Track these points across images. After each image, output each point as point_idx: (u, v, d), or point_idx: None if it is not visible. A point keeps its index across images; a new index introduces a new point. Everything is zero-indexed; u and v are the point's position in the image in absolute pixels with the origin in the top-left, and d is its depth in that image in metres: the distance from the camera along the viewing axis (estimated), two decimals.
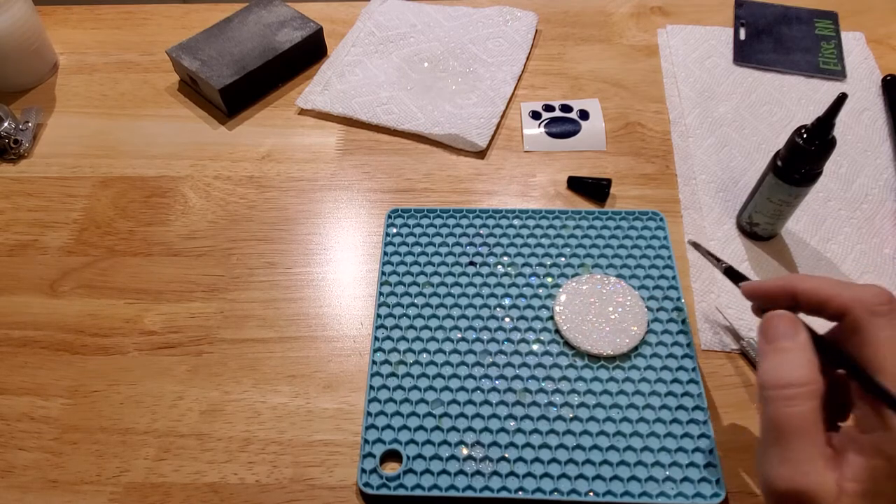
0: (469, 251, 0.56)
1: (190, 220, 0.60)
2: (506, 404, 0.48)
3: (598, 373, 0.49)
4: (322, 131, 0.67)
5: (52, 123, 0.68)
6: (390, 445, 0.46)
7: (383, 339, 0.51)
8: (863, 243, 0.56)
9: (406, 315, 0.52)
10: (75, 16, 0.79)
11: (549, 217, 0.58)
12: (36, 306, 0.55)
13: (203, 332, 0.53)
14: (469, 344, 0.51)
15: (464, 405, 0.48)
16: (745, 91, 0.68)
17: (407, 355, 0.50)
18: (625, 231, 0.57)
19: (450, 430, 0.47)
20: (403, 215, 0.59)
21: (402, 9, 0.77)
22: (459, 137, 0.63)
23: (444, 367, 0.50)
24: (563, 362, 0.49)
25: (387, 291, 0.54)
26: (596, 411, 0.47)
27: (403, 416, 0.47)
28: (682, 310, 0.52)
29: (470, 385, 0.49)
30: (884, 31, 0.73)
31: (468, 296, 0.53)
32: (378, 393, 0.48)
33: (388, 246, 0.57)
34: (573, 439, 0.46)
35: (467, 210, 0.59)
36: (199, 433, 0.48)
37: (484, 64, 0.71)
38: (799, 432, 0.32)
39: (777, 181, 0.51)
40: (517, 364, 0.49)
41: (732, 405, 0.48)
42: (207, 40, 0.69)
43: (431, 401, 0.48)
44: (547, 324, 0.51)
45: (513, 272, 0.54)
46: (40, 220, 0.60)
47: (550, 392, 0.48)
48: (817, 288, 0.35)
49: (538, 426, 0.46)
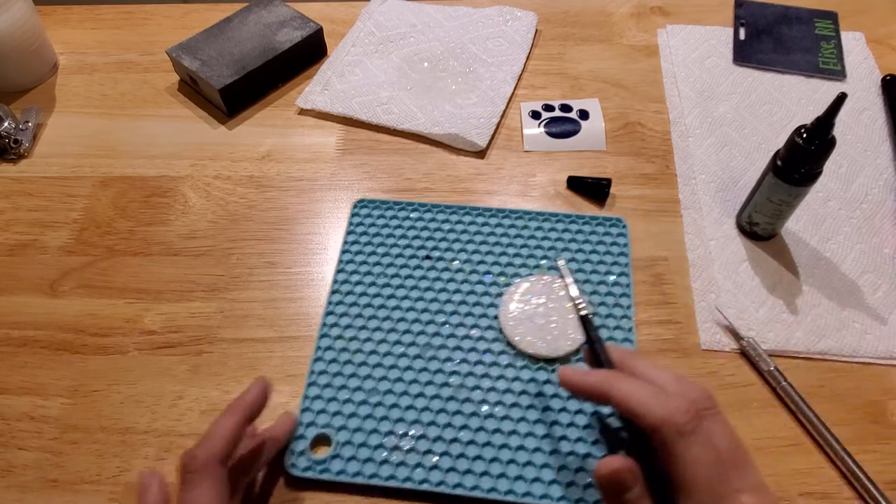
0: (427, 245, 0.56)
1: (190, 220, 0.60)
2: (440, 398, 0.48)
3: (536, 374, 0.49)
4: (322, 131, 0.67)
5: (52, 123, 0.68)
6: (322, 430, 0.47)
7: (331, 326, 0.52)
8: (862, 243, 0.56)
9: (357, 303, 0.53)
10: (75, 16, 0.79)
11: (512, 217, 0.58)
12: (36, 306, 0.55)
13: (203, 332, 0.53)
14: (414, 336, 0.51)
15: (399, 396, 0.48)
16: (744, 91, 0.68)
17: (352, 343, 0.51)
18: (585, 236, 0.57)
19: (382, 419, 0.47)
20: (369, 206, 0.59)
21: (402, 9, 0.77)
22: (459, 137, 0.63)
23: (386, 356, 0.50)
24: (503, 361, 0.50)
25: (342, 279, 0.54)
26: (528, 412, 0.47)
27: (339, 402, 0.48)
28: (630, 318, 0.52)
29: (408, 377, 0.49)
30: (884, 31, 0.73)
31: (420, 289, 0.54)
32: (318, 378, 0.49)
33: (349, 235, 0.57)
34: (501, 438, 0.46)
35: (432, 205, 0.59)
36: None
37: (484, 64, 0.71)
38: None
39: (777, 181, 0.51)
40: (457, 359, 0.50)
41: (732, 405, 0.48)
42: (207, 40, 0.69)
43: (368, 389, 0.48)
44: (493, 322, 0.52)
45: (467, 269, 0.55)
46: (40, 220, 0.60)
47: (486, 389, 0.48)
48: (628, 400, 0.36)
49: (469, 422, 0.47)
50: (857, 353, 0.50)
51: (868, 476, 0.44)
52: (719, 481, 0.34)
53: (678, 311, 0.53)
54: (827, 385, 0.49)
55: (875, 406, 0.48)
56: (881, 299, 0.53)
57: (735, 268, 0.55)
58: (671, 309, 0.53)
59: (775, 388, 0.48)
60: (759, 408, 0.48)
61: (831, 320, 0.52)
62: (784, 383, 0.48)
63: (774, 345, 0.50)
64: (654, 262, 0.56)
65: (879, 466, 0.45)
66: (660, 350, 0.51)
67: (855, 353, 0.50)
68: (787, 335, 0.51)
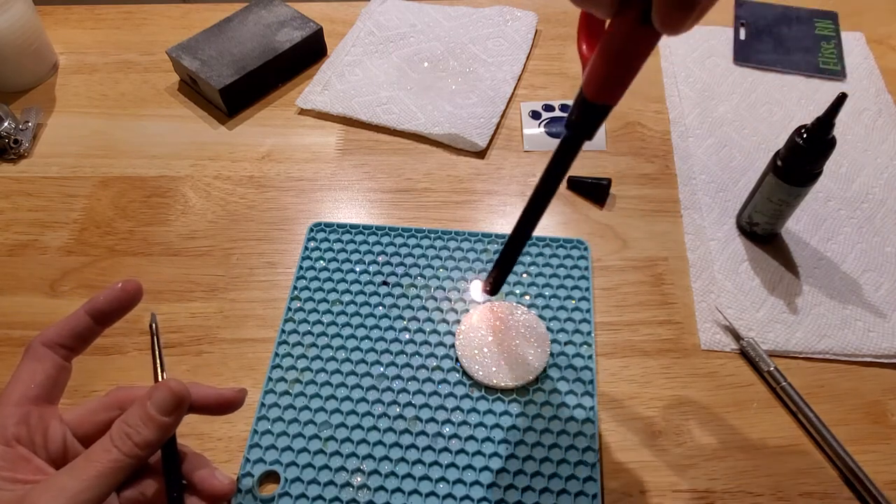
0: (385, 270, 0.54)
1: (190, 220, 0.60)
2: (394, 431, 0.46)
3: (494, 405, 0.47)
4: (322, 131, 0.67)
5: (52, 123, 0.68)
6: (271, 466, 0.45)
7: (283, 356, 0.50)
8: (863, 242, 0.56)
9: (310, 332, 0.51)
10: (75, 16, 0.79)
11: (472, 240, 0.56)
12: (36, 306, 0.55)
13: (203, 332, 0.53)
14: (368, 366, 0.49)
15: (352, 430, 0.46)
16: (745, 91, 0.68)
17: (304, 374, 0.49)
18: (546, 259, 0.55)
19: (333, 454, 0.45)
20: (325, 230, 0.57)
21: (402, 9, 0.77)
22: (459, 137, 0.63)
23: (339, 388, 0.48)
24: (459, 392, 0.48)
25: (295, 307, 0.53)
26: (484, 445, 0.45)
27: (289, 437, 0.46)
28: (591, 345, 0.50)
29: (362, 409, 0.47)
30: (884, 31, 0.73)
31: (375, 316, 0.52)
32: (268, 411, 0.47)
33: (304, 260, 0.55)
34: (455, 473, 0.44)
35: (389, 228, 0.57)
36: (200, 433, 0.47)
37: (484, 64, 0.71)
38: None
39: (777, 181, 0.51)
40: (413, 391, 0.48)
41: (732, 405, 0.48)
42: (207, 40, 0.69)
43: (320, 423, 0.47)
44: (450, 351, 0.50)
45: (424, 295, 0.53)
46: (40, 220, 0.60)
47: (441, 422, 0.46)
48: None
49: (422, 457, 0.45)
50: (860, 351, 0.50)
51: (868, 476, 0.44)
52: None
53: (678, 311, 0.53)
54: (827, 385, 0.49)
55: (875, 406, 0.48)
56: (883, 297, 0.53)
57: (735, 268, 0.55)
58: (671, 309, 0.53)
59: (775, 388, 0.48)
60: (759, 408, 0.48)
61: (833, 319, 0.52)
62: (784, 383, 0.48)
63: (774, 345, 0.50)
64: (654, 262, 0.56)
65: (879, 467, 0.45)
66: (660, 350, 0.51)
67: (858, 352, 0.50)
68: (787, 335, 0.51)
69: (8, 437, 0.33)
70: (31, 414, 0.35)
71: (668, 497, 0.44)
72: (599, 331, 0.52)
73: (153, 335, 0.40)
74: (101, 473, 0.31)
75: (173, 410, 0.34)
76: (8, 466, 0.32)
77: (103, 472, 0.31)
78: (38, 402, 0.35)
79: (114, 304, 0.38)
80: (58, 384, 0.37)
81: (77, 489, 0.31)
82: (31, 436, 0.34)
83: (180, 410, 0.35)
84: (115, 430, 0.33)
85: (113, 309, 0.38)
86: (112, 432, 0.33)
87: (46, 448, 0.35)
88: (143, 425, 0.33)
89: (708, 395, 0.49)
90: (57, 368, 0.36)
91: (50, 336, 0.36)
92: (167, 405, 0.34)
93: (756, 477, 0.45)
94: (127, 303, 0.38)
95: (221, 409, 0.38)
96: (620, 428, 0.47)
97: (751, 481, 0.45)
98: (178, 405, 0.34)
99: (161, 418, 0.34)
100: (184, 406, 0.35)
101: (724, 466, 0.45)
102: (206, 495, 0.37)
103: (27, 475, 0.33)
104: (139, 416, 0.33)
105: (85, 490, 0.31)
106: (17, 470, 0.32)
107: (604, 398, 0.49)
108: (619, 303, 0.53)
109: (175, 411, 0.34)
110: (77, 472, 0.31)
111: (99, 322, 0.38)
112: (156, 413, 0.34)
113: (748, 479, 0.45)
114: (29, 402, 0.35)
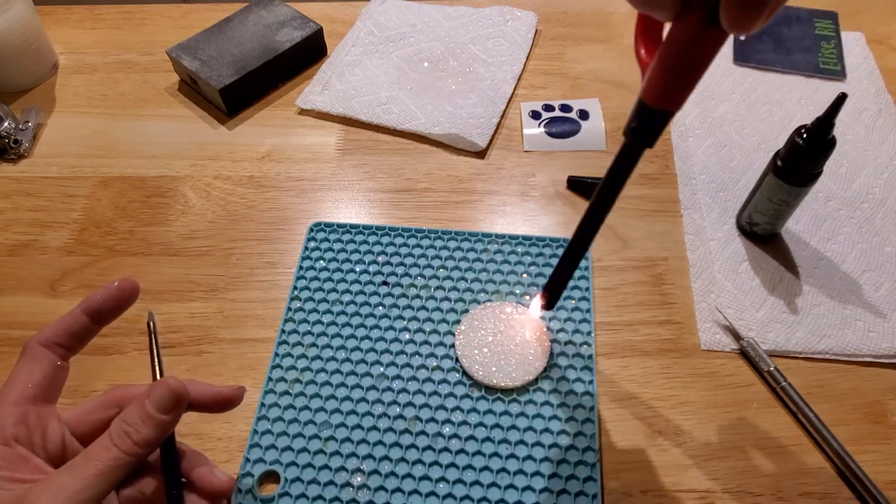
0: (385, 270, 0.54)
1: (190, 220, 0.60)
2: (394, 431, 0.46)
3: (494, 405, 0.47)
4: (322, 131, 0.67)
5: (52, 123, 0.68)
6: (271, 466, 0.45)
7: (283, 356, 0.50)
8: (863, 242, 0.56)
9: (310, 332, 0.51)
10: (75, 16, 0.79)
11: (472, 240, 0.56)
12: (36, 306, 0.55)
13: (203, 332, 0.53)
14: (368, 366, 0.49)
15: (352, 430, 0.46)
16: (745, 91, 0.68)
17: (304, 374, 0.49)
18: (546, 259, 0.55)
19: (333, 454, 0.45)
20: (325, 230, 0.57)
21: (402, 9, 0.77)
22: (459, 137, 0.63)
23: (339, 388, 0.48)
24: (459, 392, 0.48)
25: (295, 307, 0.53)
26: (484, 445, 0.45)
27: (289, 437, 0.46)
28: (591, 345, 0.50)
29: (362, 409, 0.47)
30: (884, 31, 0.73)
31: (375, 316, 0.52)
32: (268, 411, 0.47)
33: (304, 260, 0.55)
34: (455, 473, 0.44)
35: (389, 228, 0.57)
36: (200, 433, 0.47)
37: (484, 64, 0.71)
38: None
39: (777, 181, 0.51)
40: (412, 391, 0.48)
41: (732, 405, 0.48)
42: (207, 40, 0.69)
43: (320, 423, 0.47)
44: (450, 351, 0.50)
45: (424, 295, 0.53)
46: (40, 220, 0.60)
47: (441, 422, 0.46)
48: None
49: (422, 457, 0.45)
50: (860, 351, 0.50)
51: (868, 476, 0.44)
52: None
53: (678, 311, 0.53)
54: (827, 385, 0.49)
55: (875, 406, 0.48)
56: (883, 297, 0.53)
57: (735, 268, 0.55)
58: (671, 309, 0.53)
59: (775, 388, 0.48)
60: (759, 408, 0.48)
61: (833, 319, 0.52)
62: (784, 383, 0.48)
63: (774, 345, 0.50)
64: (654, 263, 0.56)
65: (879, 467, 0.45)
66: (660, 350, 0.51)
67: (858, 352, 0.50)
68: (787, 335, 0.51)
69: (7, 437, 0.33)
70: (29, 413, 0.35)
71: (668, 497, 0.44)
72: (599, 331, 0.52)
73: (151, 334, 0.39)
74: (101, 472, 0.31)
75: (172, 408, 0.34)
76: (7, 466, 0.32)
77: (103, 471, 0.31)
78: (36, 401, 0.35)
79: (110, 303, 0.38)
80: (55, 383, 0.37)
81: (76, 488, 0.31)
82: (30, 435, 0.34)
83: (179, 408, 0.35)
84: (114, 429, 0.33)
85: (109, 307, 0.38)
86: (111, 431, 0.33)
87: (45, 447, 0.35)
88: (142, 423, 0.33)
89: (708, 395, 0.49)
90: (54, 368, 0.36)
91: (47, 335, 0.36)
92: (166, 403, 0.34)
93: (756, 477, 0.45)
94: (123, 301, 0.38)
95: (220, 406, 0.38)
96: (620, 428, 0.47)
97: (751, 481, 0.45)
98: (177, 403, 0.34)
99: (160, 416, 0.34)
100: (182, 404, 0.35)
101: (724, 466, 0.45)
102: (206, 493, 0.37)
103: (26, 474, 0.33)
104: (138, 415, 0.33)
105: (84, 489, 0.31)
106: (16, 469, 0.32)
107: (604, 398, 0.49)
108: (619, 303, 0.53)
109: (174, 409, 0.34)
110: (76, 470, 0.31)
111: (95, 321, 0.38)
112: (154, 411, 0.34)
113: (748, 479, 0.45)
114: (27, 402, 0.35)
